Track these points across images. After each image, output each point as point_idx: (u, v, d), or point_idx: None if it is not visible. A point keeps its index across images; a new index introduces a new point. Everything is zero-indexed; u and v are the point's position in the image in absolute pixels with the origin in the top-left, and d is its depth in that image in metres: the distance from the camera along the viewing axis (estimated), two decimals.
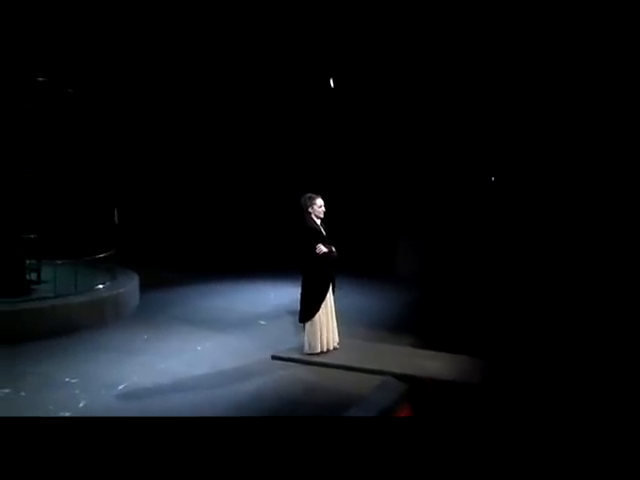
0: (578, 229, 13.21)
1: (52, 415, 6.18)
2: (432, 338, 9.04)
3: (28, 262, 10.56)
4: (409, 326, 9.84)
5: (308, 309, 8.01)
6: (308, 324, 8.04)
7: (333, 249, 7.98)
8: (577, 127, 13.79)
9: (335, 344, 8.23)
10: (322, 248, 7.85)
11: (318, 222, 8.03)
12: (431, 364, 7.75)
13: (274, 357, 8.11)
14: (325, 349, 8.08)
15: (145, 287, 11.50)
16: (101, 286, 10.44)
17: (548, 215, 14.04)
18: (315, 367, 7.77)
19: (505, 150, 15.03)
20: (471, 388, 7.05)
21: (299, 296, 8.14)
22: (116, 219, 11.49)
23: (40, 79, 10.16)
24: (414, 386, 7.19)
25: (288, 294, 10.30)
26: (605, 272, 11.91)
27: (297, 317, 8.25)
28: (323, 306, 8.00)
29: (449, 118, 15.09)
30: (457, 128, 15.10)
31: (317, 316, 7.99)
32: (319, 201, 8.04)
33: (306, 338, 8.08)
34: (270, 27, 15.13)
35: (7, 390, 6.90)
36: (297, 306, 8.21)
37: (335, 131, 16.04)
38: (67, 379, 7.28)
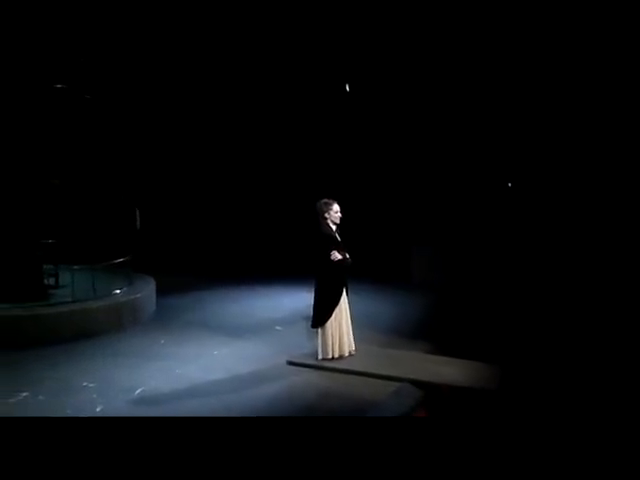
0: (597, 237, 13.12)
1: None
2: (448, 344, 9.02)
3: (46, 267, 10.67)
4: (424, 332, 9.82)
5: (320, 315, 8.01)
6: (320, 330, 8.05)
7: (347, 255, 7.98)
8: (597, 133, 13.71)
9: (351, 350, 8.23)
10: (337, 255, 7.85)
11: (334, 228, 8.03)
12: (447, 370, 7.73)
13: (289, 363, 8.13)
14: (337, 355, 8.08)
15: (162, 292, 11.57)
16: (118, 291, 10.52)
17: (565, 222, 13.96)
18: (330, 373, 7.77)
19: (522, 155, 14.97)
20: (487, 395, 7.03)
21: (312, 302, 8.15)
22: (138, 224, 11.58)
23: (58, 86, 10.29)
24: (430, 392, 7.18)
25: (303, 300, 10.32)
26: (625, 281, 11.82)
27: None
28: (337, 312, 7.99)
29: (465, 124, 15.07)
30: (473, 134, 15.07)
31: (329, 322, 7.99)
32: (335, 207, 8.03)
33: (319, 344, 8.09)
34: (288, 32, 15.18)
35: (25, 394, 6.98)
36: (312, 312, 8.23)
37: (350, 137, 16.06)
38: (85, 383, 7.35)
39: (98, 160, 12.77)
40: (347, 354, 8.17)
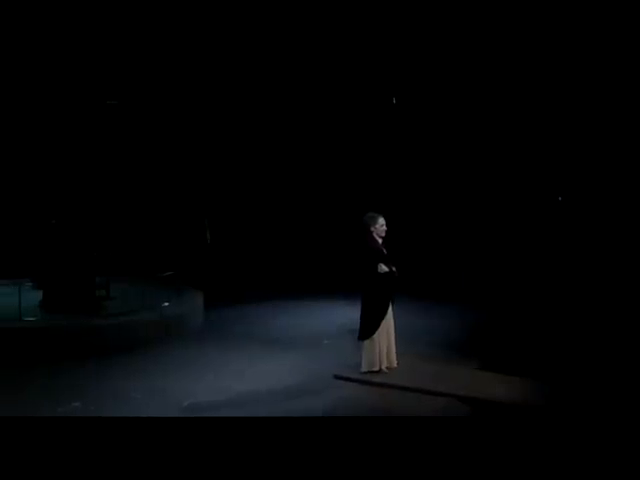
0: None
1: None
2: (497, 360, 8.87)
3: (97, 279, 10.87)
4: (473, 347, 9.68)
5: (368, 327, 8.00)
6: (367, 342, 8.03)
7: (394, 269, 7.96)
8: None
9: (394, 363, 8.18)
10: (384, 267, 7.84)
11: (380, 241, 8.04)
12: (496, 387, 7.61)
13: (336, 377, 8.11)
14: (384, 367, 8.04)
15: (210, 304, 11.65)
16: (167, 303, 10.64)
17: (619, 236, 13.63)
18: (377, 388, 7.73)
19: (574, 167, 14.70)
20: (536, 412, 6.89)
21: (359, 314, 8.13)
22: (208, 237, 11.71)
23: (111, 102, 10.56)
24: (478, 409, 7.07)
25: (351, 313, 10.28)
26: None
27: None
28: (383, 324, 7.98)
29: (512, 134, 14.87)
30: (521, 144, 14.86)
31: (376, 334, 7.97)
32: (381, 220, 8.05)
33: (364, 356, 8.07)
34: (336, 49, 15.25)
35: (77, 404, 7.11)
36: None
37: (400, 152, 16.01)
38: (133, 394, 7.44)
39: (164, 173, 12.96)
40: (394, 366, 8.13)
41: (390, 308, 8.06)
